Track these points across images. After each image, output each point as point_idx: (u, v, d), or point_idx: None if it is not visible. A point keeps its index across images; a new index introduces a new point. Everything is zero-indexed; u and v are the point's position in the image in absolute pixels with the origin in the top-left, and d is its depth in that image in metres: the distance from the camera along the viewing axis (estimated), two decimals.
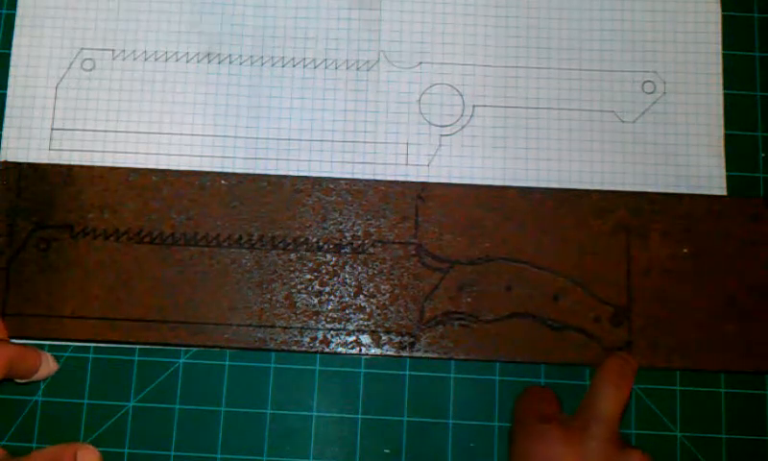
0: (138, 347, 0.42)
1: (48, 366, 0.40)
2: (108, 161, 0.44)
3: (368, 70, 0.45)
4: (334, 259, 0.42)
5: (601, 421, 0.35)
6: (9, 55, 0.45)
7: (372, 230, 0.42)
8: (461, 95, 0.45)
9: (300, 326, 0.41)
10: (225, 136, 0.44)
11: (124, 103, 0.44)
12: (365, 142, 0.44)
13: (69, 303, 0.41)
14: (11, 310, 0.41)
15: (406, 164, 0.44)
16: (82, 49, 0.45)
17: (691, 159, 0.44)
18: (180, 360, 0.42)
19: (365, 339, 0.41)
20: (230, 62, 0.45)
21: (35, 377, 0.39)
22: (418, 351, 0.41)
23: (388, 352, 0.41)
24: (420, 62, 0.45)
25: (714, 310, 0.41)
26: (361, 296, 0.41)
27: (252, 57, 0.45)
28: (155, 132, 0.44)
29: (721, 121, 0.44)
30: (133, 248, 0.42)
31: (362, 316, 0.41)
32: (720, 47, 0.45)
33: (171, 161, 0.44)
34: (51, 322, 0.41)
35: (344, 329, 0.41)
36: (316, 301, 0.41)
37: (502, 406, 0.41)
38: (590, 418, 0.35)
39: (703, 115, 0.45)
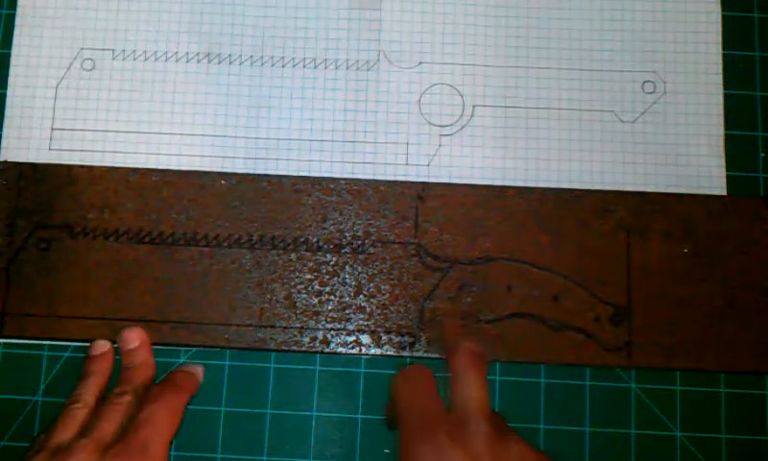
0: None
1: (200, 374, 0.41)
2: (108, 161, 0.44)
3: (368, 70, 0.45)
4: (334, 259, 0.42)
5: (478, 414, 0.34)
6: (9, 55, 0.45)
7: (372, 230, 0.42)
8: (461, 95, 0.45)
9: (299, 326, 0.41)
10: (225, 136, 0.44)
11: (124, 103, 0.44)
12: (365, 142, 0.44)
13: (69, 302, 0.41)
14: (10, 310, 0.41)
15: (406, 164, 0.44)
16: (82, 49, 0.45)
17: (691, 159, 0.44)
18: (180, 360, 0.42)
19: (365, 339, 0.41)
20: (230, 62, 0.45)
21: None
22: (418, 351, 0.41)
23: (388, 352, 0.41)
24: (420, 62, 0.45)
25: (714, 310, 0.41)
26: (361, 296, 0.42)
27: (251, 57, 0.45)
28: (155, 132, 0.44)
29: (721, 121, 0.45)
30: (133, 248, 0.42)
31: (362, 316, 0.41)
32: (720, 47, 0.45)
33: (171, 161, 0.44)
34: (51, 322, 0.41)
35: (344, 329, 0.41)
36: (316, 301, 0.41)
37: (502, 406, 0.41)
38: (467, 415, 0.34)
39: (703, 115, 0.45)
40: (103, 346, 0.40)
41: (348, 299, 0.41)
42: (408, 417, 0.35)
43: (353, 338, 0.41)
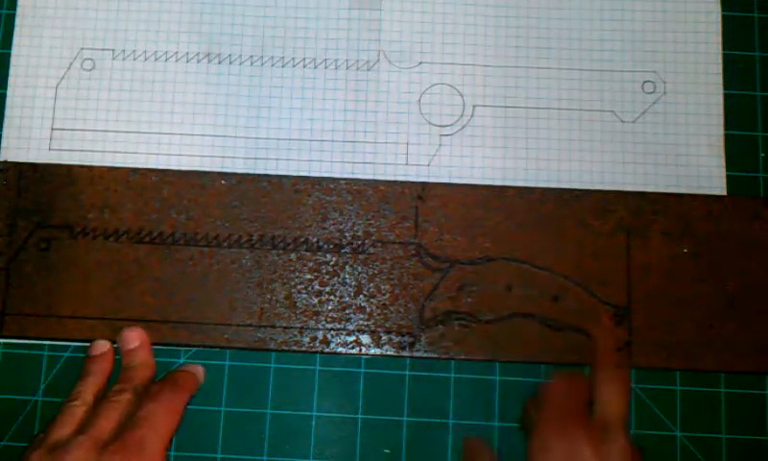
0: None
1: (200, 374, 0.41)
2: (108, 161, 0.44)
3: (368, 70, 0.45)
4: (334, 259, 0.42)
5: (618, 425, 0.35)
6: (9, 55, 0.45)
7: (372, 230, 0.42)
8: (461, 95, 0.45)
9: (299, 326, 0.41)
10: (225, 136, 0.44)
11: (124, 103, 0.44)
12: (365, 142, 0.44)
13: (69, 302, 0.41)
14: (10, 310, 0.41)
15: (406, 164, 0.44)
16: (82, 49, 0.45)
17: (691, 159, 0.44)
18: (181, 360, 0.42)
19: (365, 339, 0.41)
20: (230, 62, 0.45)
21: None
22: (418, 351, 0.41)
23: (388, 352, 0.41)
24: (420, 62, 0.45)
25: (714, 310, 0.41)
26: (361, 296, 0.42)
27: (252, 57, 0.45)
28: (155, 132, 0.44)
29: (721, 121, 0.45)
30: (133, 248, 0.42)
31: (362, 316, 0.41)
32: (720, 47, 0.45)
33: (171, 161, 0.44)
34: (51, 322, 0.41)
35: (344, 329, 0.41)
36: (316, 301, 0.41)
37: (502, 406, 0.41)
38: (608, 424, 0.35)
39: (703, 115, 0.45)
40: (103, 346, 0.40)
41: (348, 299, 0.41)
42: (552, 411, 0.36)
43: (353, 338, 0.41)
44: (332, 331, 0.41)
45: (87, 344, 0.41)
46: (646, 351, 0.41)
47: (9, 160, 0.43)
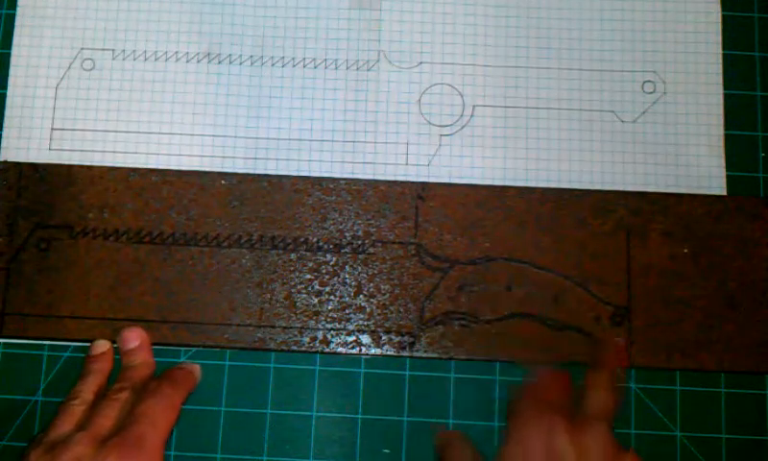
0: None
1: (197, 372, 0.41)
2: (108, 161, 0.44)
3: (368, 70, 0.45)
4: (334, 259, 0.42)
5: (603, 418, 0.35)
6: (9, 55, 0.45)
7: (372, 230, 0.42)
8: (461, 95, 0.45)
9: (300, 326, 0.41)
10: (225, 136, 0.44)
11: (124, 103, 0.44)
12: (365, 142, 0.44)
13: (69, 302, 0.41)
14: (10, 310, 0.41)
15: (406, 164, 0.44)
16: (82, 49, 0.45)
17: (691, 159, 0.44)
18: (180, 360, 0.42)
19: (365, 339, 0.41)
20: (230, 62, 0.45)
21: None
22: (418, 351, 0.41)
23: (388, 352, 0.41)
24: (420, 62, 0.45)
25: (714, 310, 0.41)
26: (361, 296, 0.42)
27: (252, 57, 0.45)
28: (155, 132, 0.44)
29: (721, 121, 0.45)
30: (133, 248, 0.42)
31: (362, 316, 0.41)
32: (720, 47, 0.45)
33: (171, 161, 0.44)
34: (51, 322, 0.41)
35: (344, 329, 0.41)
36: (316, 301, 0.41)
37: (502, 406, 0.41)
38: (594, 416, 0.35)
39: (703, 115, 0.45)
40: (103, 346, 0.40)
41: (347, 299, 0.41)
42: (531, 399, 0.36)
43: (353, 338, 0.41)
44: (332, 331, 0.41)
45: (87, 344, 0.41)
46: (646, 351, 0.41)
47: (9, 160, 0.43)
